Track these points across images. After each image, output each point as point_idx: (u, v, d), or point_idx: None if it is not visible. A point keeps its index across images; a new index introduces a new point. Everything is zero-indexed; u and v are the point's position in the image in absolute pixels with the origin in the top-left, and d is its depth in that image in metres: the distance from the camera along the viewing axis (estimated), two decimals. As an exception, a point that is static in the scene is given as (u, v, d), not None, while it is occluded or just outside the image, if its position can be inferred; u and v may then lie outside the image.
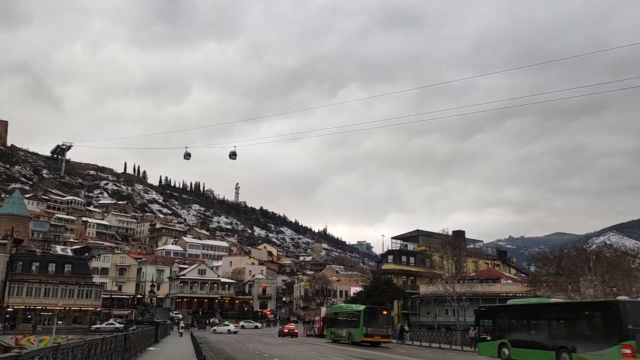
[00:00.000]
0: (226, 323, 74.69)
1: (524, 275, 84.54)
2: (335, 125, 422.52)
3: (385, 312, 43.84)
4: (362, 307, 44.24)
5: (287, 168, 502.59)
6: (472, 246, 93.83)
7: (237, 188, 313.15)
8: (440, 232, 68.69)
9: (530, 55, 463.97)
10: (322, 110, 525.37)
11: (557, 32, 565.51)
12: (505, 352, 26.68)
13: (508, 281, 71.02)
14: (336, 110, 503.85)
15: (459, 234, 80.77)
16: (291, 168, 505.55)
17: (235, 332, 65.15)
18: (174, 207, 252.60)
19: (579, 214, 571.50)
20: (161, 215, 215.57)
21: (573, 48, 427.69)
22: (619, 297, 26.91)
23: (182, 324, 62.52)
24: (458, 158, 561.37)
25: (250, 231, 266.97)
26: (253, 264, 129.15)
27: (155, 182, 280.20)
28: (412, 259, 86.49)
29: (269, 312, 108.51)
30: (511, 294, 54.26)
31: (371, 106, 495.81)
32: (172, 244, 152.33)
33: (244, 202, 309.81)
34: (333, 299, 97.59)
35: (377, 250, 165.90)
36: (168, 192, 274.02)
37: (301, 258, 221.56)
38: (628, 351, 19.34)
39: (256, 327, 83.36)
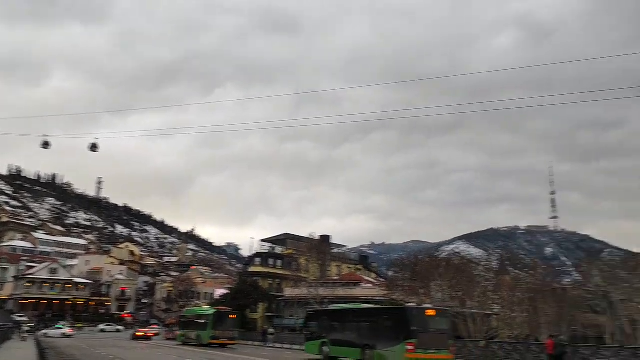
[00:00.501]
0: (59, 326, 66.77)
1: (383, 280, 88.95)
2: (209, 124, 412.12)
3: (233, 316, 45.97)
4: (212, 311, 45.87)
5: (156, 165, 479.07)
6: (336, 251, 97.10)
7: (99, 183, 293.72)
8: (308, 236, 70.31)
9: (397, 73, 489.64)
10: (195, 108, 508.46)
11: (422, 53, 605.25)
12: (325, 350, 29.58)
13: (368, 285, 74.36)
14: (210, 109, 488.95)
15: (325, 239, 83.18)
16: (160, 165, 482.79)
17: (69, 336, 58.94)
18: (24, 200, 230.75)
19: (433, 223, 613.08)
20: (8, 208, 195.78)
21: (435, 70, 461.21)
22: (407, 304, 31.79)
23: (25, 327, 57.12)
24: (328, 165, 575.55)
25: (111, 229, 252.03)
26: (113, 263, 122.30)
27: (4, 172, 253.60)
28: (279, 262, 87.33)
29: (127, 315, 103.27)
30: (370, 298, 57.06)
31: (246, 108, 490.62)
32: (20, 240, 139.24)
33: (107, 198, 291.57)
34: (197, 302, 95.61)
35: (246, 252, 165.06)
36: (18, 183, 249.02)
37: (166, 259, 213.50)
38: (411, 347, 23.37)
39: (118, 330, 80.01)
